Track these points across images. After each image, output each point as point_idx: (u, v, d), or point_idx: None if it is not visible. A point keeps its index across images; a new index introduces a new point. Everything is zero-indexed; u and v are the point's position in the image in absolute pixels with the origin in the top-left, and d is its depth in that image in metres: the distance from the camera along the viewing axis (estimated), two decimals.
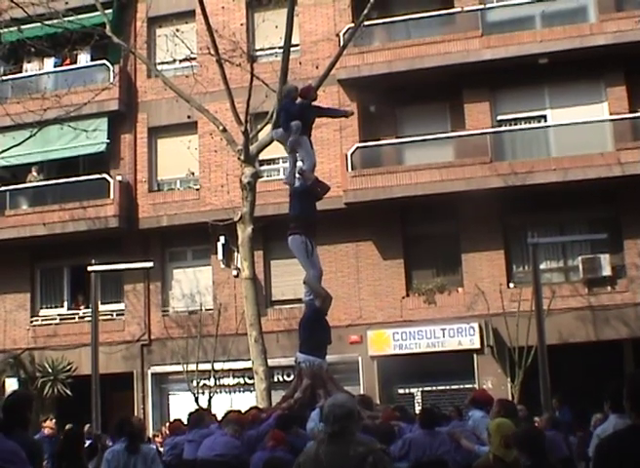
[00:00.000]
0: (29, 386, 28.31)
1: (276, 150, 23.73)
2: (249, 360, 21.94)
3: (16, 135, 27.35)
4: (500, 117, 27.22)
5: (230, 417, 13.03)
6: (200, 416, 14.26)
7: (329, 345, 14.17)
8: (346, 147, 27.11)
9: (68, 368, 28.55)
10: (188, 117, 28.07)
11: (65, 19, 25.04)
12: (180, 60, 27.83)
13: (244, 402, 24.73)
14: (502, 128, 27.08)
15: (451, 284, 27.09)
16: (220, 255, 28.15)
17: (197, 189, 28.85)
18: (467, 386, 25.77)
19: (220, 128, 22.72)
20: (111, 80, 29.03)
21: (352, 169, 26.68)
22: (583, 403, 18.87)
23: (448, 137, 27.32)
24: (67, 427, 14.53)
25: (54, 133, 28.31)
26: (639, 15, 24.49)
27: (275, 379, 25.68)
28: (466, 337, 25.99)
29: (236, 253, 26.47)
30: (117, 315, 29.47)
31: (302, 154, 14.24)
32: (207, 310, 28.24)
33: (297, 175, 14.43)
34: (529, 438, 7.84)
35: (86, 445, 12.55)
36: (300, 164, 14.77)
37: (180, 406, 27.10)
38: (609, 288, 25.88)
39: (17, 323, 30.14)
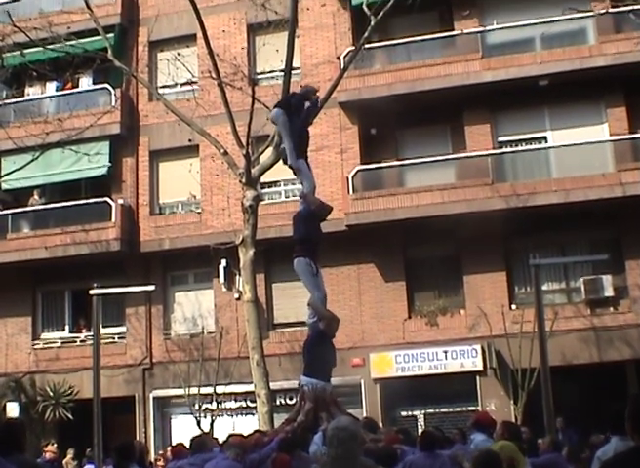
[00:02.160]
0: (30, 410, 28.33)
1: (278, 173, 23.63)
2: (251, 383, 21.75)
3: (18, 158, 27.57)
4: (500, 139, 27.31)
5: (232, 441, 12.86)
6: (203, 441, 14.11)
7: (333, 368, 14.10)
8: (348, 170, 27.12)
9: (70, 391, 28.46)
10: (190, 140, 28.11)
11: (67, 43, 25.07)
12: (182, 84, 27.94)
13: (246, 425, 24.60)
14: (503, 149, 27.13)
15: (453, 306, 27.04)
16: (221, 278, 28.12)
17: (199, 212, 28.88)
18: (470, 408, 25.65)
19: (222, 151, 22.71)
20: (113, 104, 29.17)
21: (354, 191, 26.71)
22: (587, 425, 18.97)
23: (449, 159, 27.30)
24: None
25: (56, 156, 28.43)
26: (638, 36, 24.56)
27: (277, 403, 25.56)
28: (469, 359, 25.95)
29: (238, 276, 26.54)
30: (119, 338, 29.40)
31: (302, 178, 14.24)
32: (209, 333, 28.15)
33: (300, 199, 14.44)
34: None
35: None
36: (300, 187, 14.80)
37: (183, 429, 27.05)
38: (611, 309, 25.82)
39: (18, 346, 30.06)
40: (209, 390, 27.05)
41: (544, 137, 27.11)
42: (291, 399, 25.38)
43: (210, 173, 28.64)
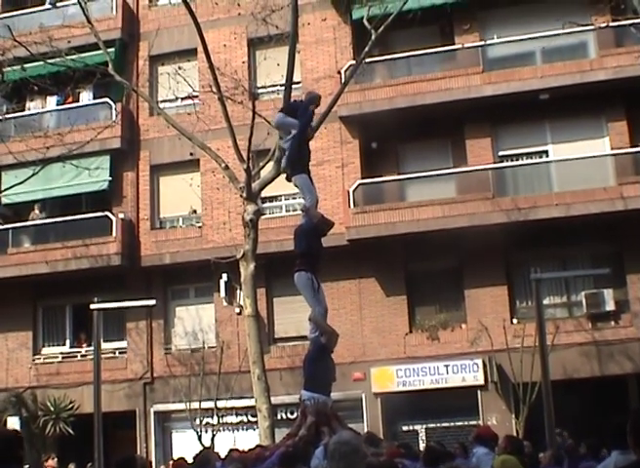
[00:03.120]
0: (31, 425, 28.15)
1: (278, 187, 23.67)
2: (252, 398, 21.79)
3: (18, 173, 27.51)
4: (501, 153, 27.27)
5: (233, 456, 12.80)
6: (206, 457, 13.99)
7: (333, 382, 14.06)
8: (348, 184, 27.10)
9: (70, 406, 28.36)
10: (191, 154, 27.98)
11: (68, 57, 25.13)
12: (182, 98, 27.85)
13: (247, 440, 24.59)
14: (504, 163, 27.10)
15: (454, 320, 26.97)
16: (222, 293, 27.99)
17: (199, 227, 28.82)
18: (472, 423, 25.52)
19: (223, 165, 22.68)
20: (113, 118, 29.15)
21: (354, 205, 26.69)
22: (588, 439, 18.70)
23: (450, 173, 27.27)
24: None
25: (56, 171, 28.42)
26: (639, 50, 24.55)
27: (279, 417, 25.53)
28: (470, 374, 25.91)
29: (239, 291, 26.49)
30: (120, 353, 29.27)
31: (304, 191, 14.15)
32: (210, 348, 28.06)
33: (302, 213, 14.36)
34: None
35: None
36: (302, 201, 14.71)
37: (184, 444, 27.09)
38: (612, 323, 25.77)
39: (19, 361, 29.92)
40: (210, 405, 26.98)
41: (545, 151, 27.10)
42: (292, 413, 25.36)
43: (210, 187, 28.53)
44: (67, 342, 30.33)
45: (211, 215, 28.64)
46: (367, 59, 24.69)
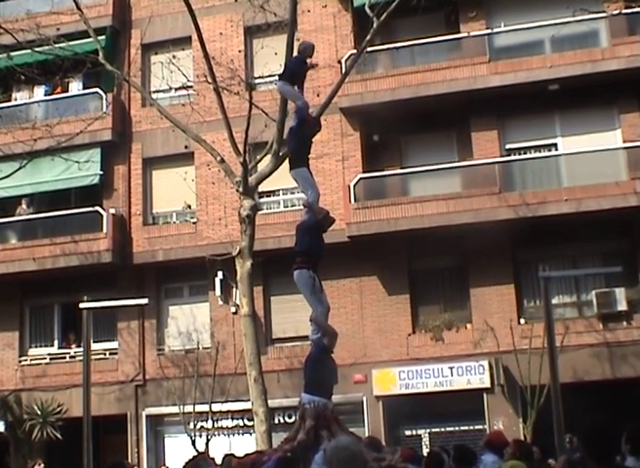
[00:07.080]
0: (17, 429, 28.04)
1: (276, 182, 23.73)
2: (248, 401, 21.48)
3: (5, 166, 27.35)
4: (508, 146, 27.10)
5: (229, 461, 12.56)
6: (197, 464, 13.55)
7: (335, 385, 13.60)
8: (349, 178, 26.91)
9: (58, 410, 28.16)
10: (185, 147, 27.91)
11: (57, 45, 24.82)
12: (176, 89, 27.68)
13: (243, 445, 24.81)
14: (512, 157, 26.94)
15: (459, 320, 26.76)
16: (217, 291, 27.80)
17: (194, 222, 28.61)
18: (477, 427, 25.64)
19: (218, 158, 22.36)
20: (104, 109, 28.90)
21: (355, 200, 26.48)
22: (599, 445, 18.24)
23: (455, 167, 27.09)
24: None
25: (44, 164, 28.17)
26: None
27: (276, 421, 25.45)
28: (476, 376, 25.69)
29: (235, 289, 26.17)
30: (110, 354, 29.06)
31: (306, 186, 13.59)
32: (204, 349, 27.91)
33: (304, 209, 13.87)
34: None
35: None
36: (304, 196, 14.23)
37: (177, 449, 27.11)
38: (625, 323, 25.60)
39: (4, 363, 29.76)
40: (204, 408, 26.80)
41: (554, 144, 26.91)
42: (290, 417, 25.50)
43: (205, 181, 28.30)
44: (55, 343, 30.06)
45: (206, 211, 28.40)
46: (369, 48, 24.37)
